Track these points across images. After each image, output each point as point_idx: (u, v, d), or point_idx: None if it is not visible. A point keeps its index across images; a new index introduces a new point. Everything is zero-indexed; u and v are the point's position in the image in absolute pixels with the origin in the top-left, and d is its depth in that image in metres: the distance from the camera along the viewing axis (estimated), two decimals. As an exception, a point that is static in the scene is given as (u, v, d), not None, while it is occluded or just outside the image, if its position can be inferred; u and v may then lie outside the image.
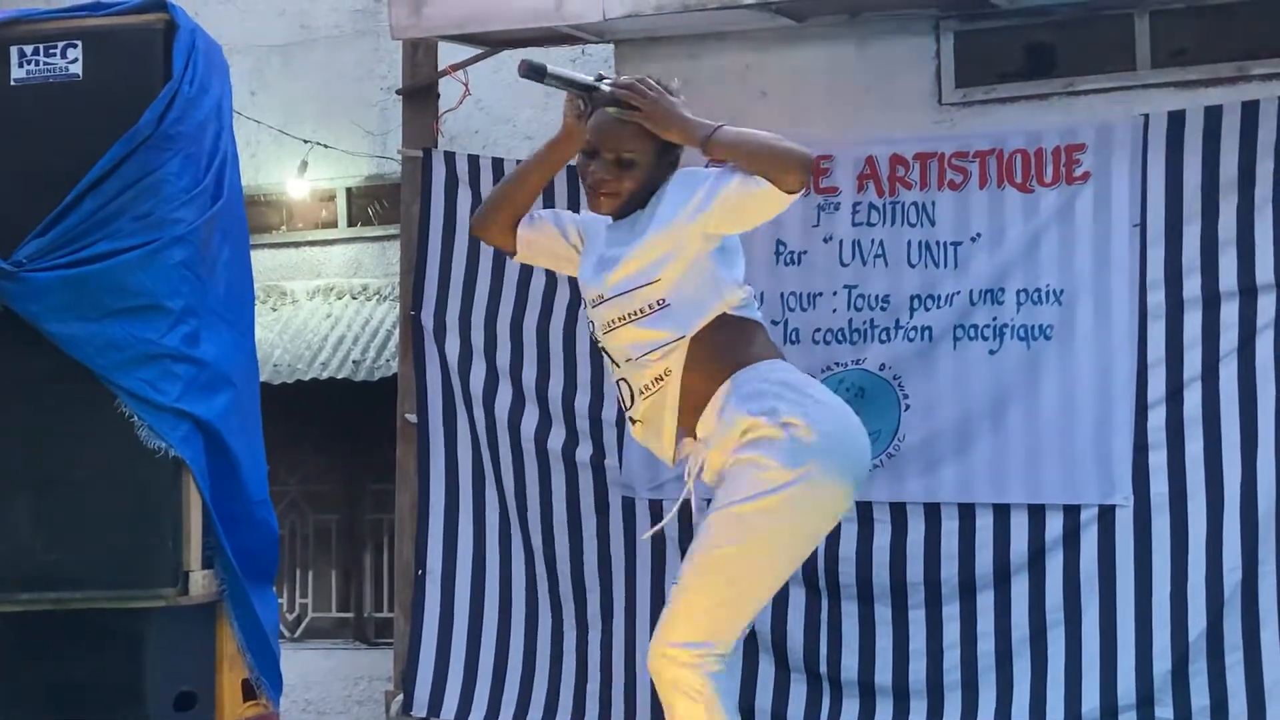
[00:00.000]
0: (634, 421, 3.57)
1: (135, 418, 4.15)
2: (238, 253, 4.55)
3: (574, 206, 6.05)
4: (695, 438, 3.47)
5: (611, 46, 6.37)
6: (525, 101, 7.25)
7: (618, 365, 3.57)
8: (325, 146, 7.35)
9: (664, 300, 3.45)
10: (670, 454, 3.54)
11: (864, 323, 5.90)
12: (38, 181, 4.20)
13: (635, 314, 3.47)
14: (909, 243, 5.86)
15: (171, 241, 4.20)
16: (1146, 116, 5.66)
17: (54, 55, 4.27)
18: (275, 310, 7.48)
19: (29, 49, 4.28)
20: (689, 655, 3.29)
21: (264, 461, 4.55)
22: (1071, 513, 5.66)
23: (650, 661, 3.37)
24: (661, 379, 3.46)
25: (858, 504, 5.82)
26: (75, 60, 4.26)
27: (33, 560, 4.17)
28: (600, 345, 3.62)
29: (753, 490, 3.30)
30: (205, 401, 4.24)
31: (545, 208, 6.04)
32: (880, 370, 5.87)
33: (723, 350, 3.44)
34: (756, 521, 3.30)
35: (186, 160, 4.25)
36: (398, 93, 6.54)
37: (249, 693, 4.46)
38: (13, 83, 4.28)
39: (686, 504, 3.56)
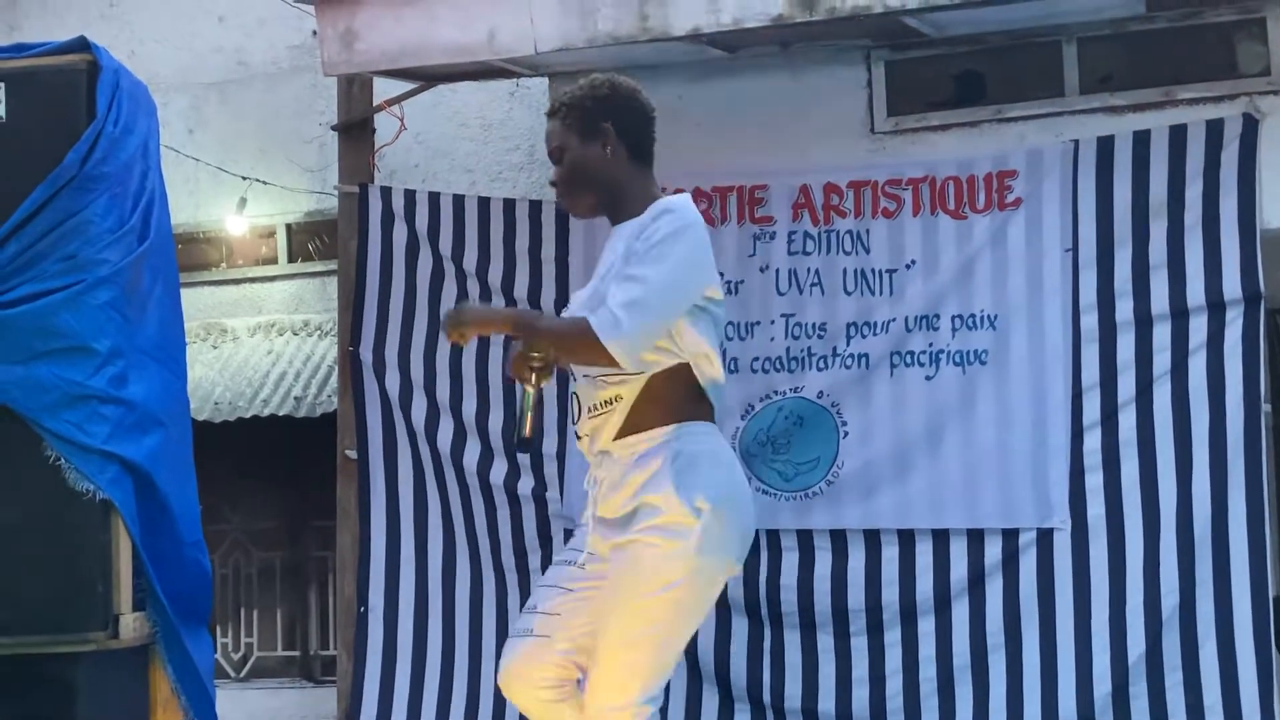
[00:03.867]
0: (579, 436, 3.59)
1: (63, 460, 4.08)
2: (168, 292, 4.49)
3: (535, 239, 6.12)
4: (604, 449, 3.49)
5: (545, 80, 6.38)
6: (464, 135, 7.26)
7: (575, 379, 3.59)
8: (264, 183, 7.32)
9: None
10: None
11: (801, 351, 5.91)
12: (-40, 224, 4.14)
13: None
14: (844, 271, 5.89)
15: (98, 282, 4.14)
16: (1076, 142, 5.72)
17: (-24, 97, 4.22)
18: (216, 348, 7.43)
19: (-49, 92, 4.23)
20: (629, 714, 3.37)
21: (196, 502, 4.49)
22: (1010, 537, 5.68)
23: None
24: (611, 404, 3.47)
25: (798, 532, 5.86)
26: (-3, 102, 4.22)
27: (-40, 606, 4.10)
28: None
29: (668, 575, 3.36)
30: (134, 443, 4.18)
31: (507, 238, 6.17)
32: (818, 398, 5.88)
33: (671, 401, 3.45)
34: (673, 602, 3.38)
35: (112, 200, 4.19)
36: (333, 128, 6.54)
37: (184, 735, 4.40)
38: (-65, 125, 4.23)
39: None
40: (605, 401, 3.47)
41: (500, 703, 6.06)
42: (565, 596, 3.51)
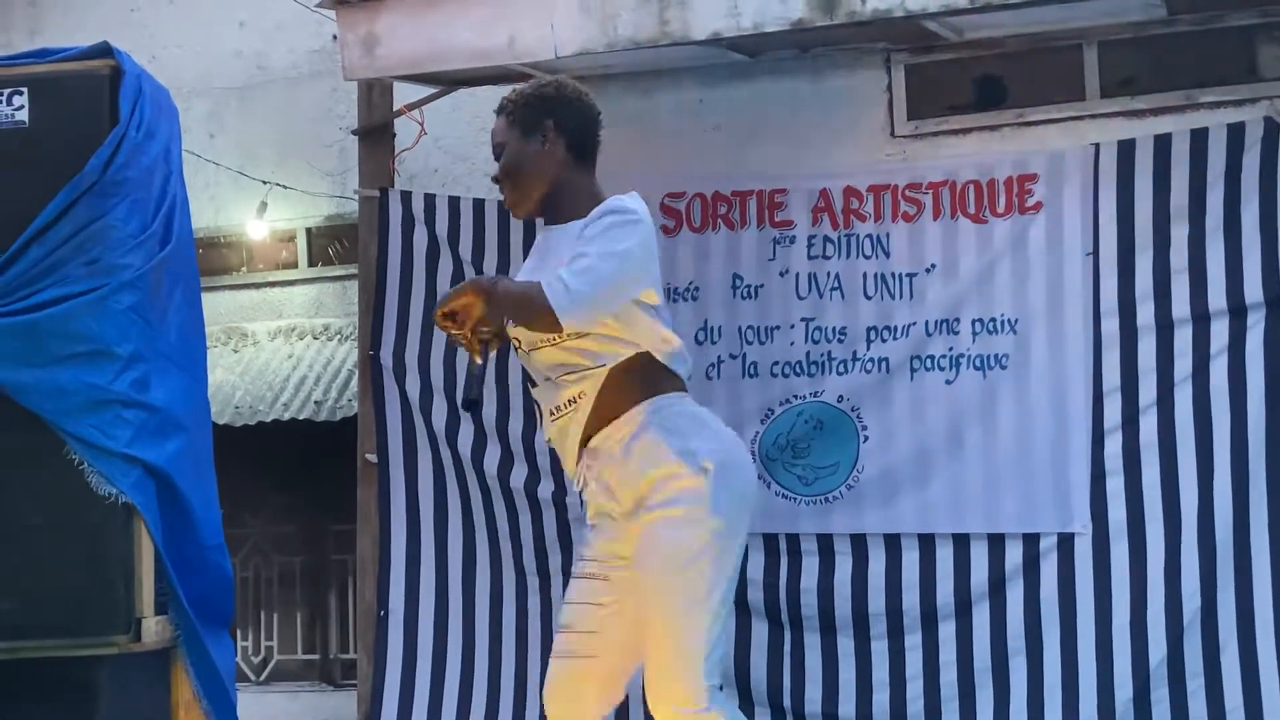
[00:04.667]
0: (549, 440, 3.59)
1: (85, 464, 4.08)
2: (189, 297, 4.49)
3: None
4: (586, 448, 3.48)
5: (566, 84, 6.38)
6: (484, 139, 7.17)
7: (534, 384, 3.59)
8: (284, 187, 7.32)
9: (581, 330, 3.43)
10: (572, 469, 3.56)
11: (821, 355, 5.91)
12: (-16, 229, 4.16)
13: (555, 338, 3.45)
14: (864, 274, 5.89)
15: (120, 287, 4.13)
16: (1097, 146, 5.70)
17: (0, 102, 4.23)
18: (236, 351, 7.43)
19: (-25, 96, 4.25)
20: (699, 700, 3.34)
21: (217, 506, 4.49)
22: (1030, 541, 5.67)
23: None
24: (574, 401, 3.48)
25: (818, 536, 5.86)
26: (21, 107, 4.20)
27: (-17, 610, 4.11)
28: (522, 363, 3.63)
29: (693, 543, 3.36)
30: (156, 447, 4.18)
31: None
32: (838, 402, 5.88)
33: (638, 383, 3.45)
34: (703, 569, 3.37)
35: (134, 205, 4.19)
36: (353, 132, 6.55)
37: (205, 738, 4.41)
38: (-41, 130, 4.24)
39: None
40: (569, 401, 3.48)
41: (520, 706, 6.07)
42: (599, 611, 3.51)
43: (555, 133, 3.54)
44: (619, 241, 3.39)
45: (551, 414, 3.51)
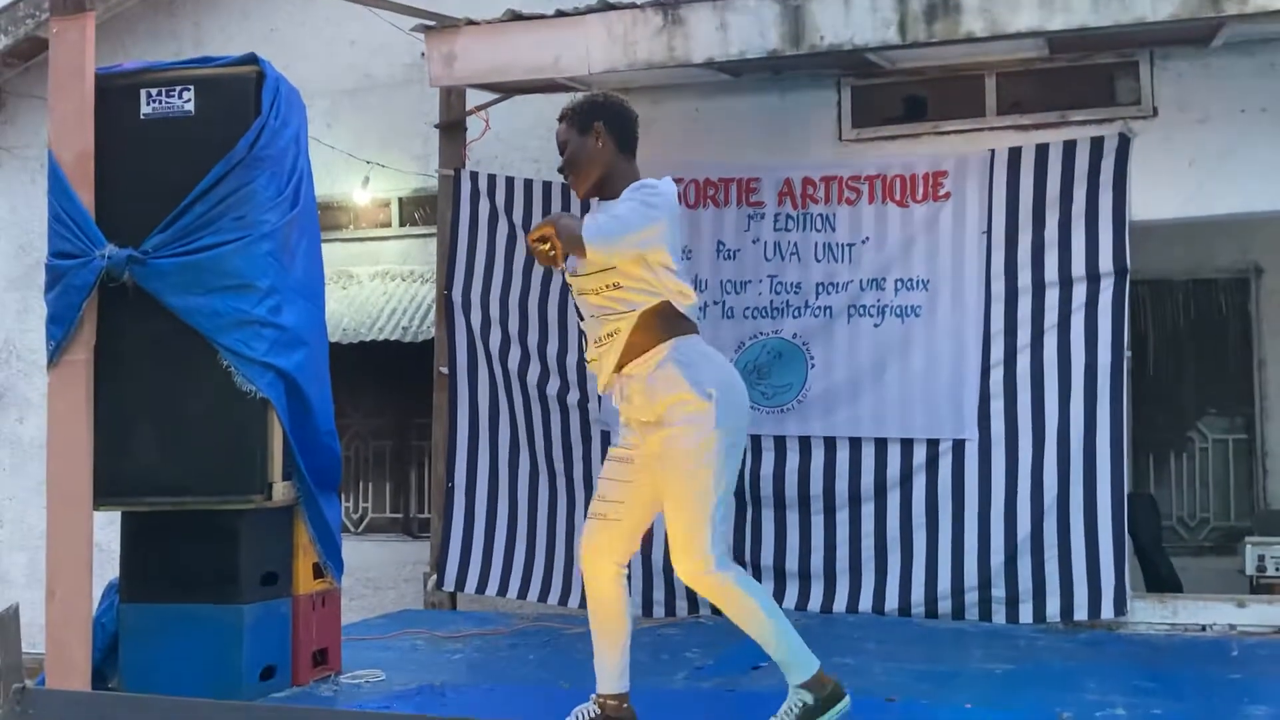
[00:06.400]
0: (589, 361, 3.62)
1: (232, 368, 4.13)
2: (311, 246, 4.51)
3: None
4: (620, 372, 3.50)
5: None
6: (533, 134, 7.21)
7: (583, 319, 3.61)
8: (383, 166, 7.31)
9: (617, 283, 3.45)
10: (603, 385, 3.58)
11: (781, 303, 5.93)
12: (161, 191, 4.16)
13: (598, 289, 3.48)
14: (816, 244, 5.90)
15: (260, 237, 4.16)
16: (993, 151, 5.71)
17: (173, 96, 4.23)
18: (345, 289, 7.44)
19: (154, 91, 4.25)
20: (709, 564, 3.37)
21: (331, 402, 4.52)
22: (932, 445, 5.72)
23: (689, 583, 3.43)
24: (612, 335, 3.49)
25: (774, 437, 5.90)
26: (189, 100, 4.22)
27: (156, 473, 4.15)
28: (575, 303, 3.65)
29: (700, 451, 3.38)
30: (286, 356, 4.22)
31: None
32: (793, 338, 5.91)
33: (662, 325, 3.47)
34: (709, 469, 3.40)
35: (272, 176, 4.21)
36: (435, 126, 6.54)
37: (318, 573, 4.47)
38: (142, 117, 4.24)
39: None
40: (607, 334, 3.49)
41: (551, 554, 6.14)
42: (624, 485, 3.54)
43: (605, 131, 3.53)
44: (643, 205, 3.40)
45: (595, 343, 3.54)
